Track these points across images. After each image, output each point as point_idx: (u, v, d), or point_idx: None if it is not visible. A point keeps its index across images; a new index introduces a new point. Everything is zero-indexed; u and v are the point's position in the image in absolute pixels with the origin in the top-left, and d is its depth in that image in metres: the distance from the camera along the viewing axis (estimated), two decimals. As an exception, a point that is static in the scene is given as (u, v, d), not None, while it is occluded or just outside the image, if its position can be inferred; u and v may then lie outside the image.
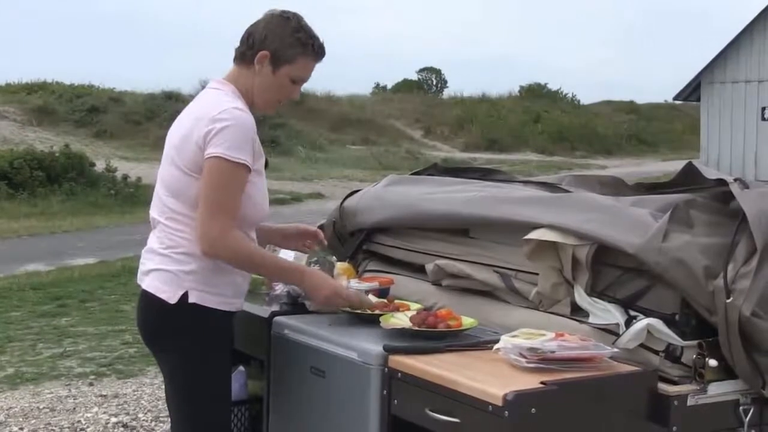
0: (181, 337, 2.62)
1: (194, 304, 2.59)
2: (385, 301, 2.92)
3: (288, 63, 2.66)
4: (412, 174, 3.69)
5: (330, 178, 20.08)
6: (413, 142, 29.99)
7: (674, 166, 24.43)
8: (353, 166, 22.03)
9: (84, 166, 17.61)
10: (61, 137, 21.95)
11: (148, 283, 2.67)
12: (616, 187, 3.16)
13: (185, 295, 2.59)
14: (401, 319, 2.72)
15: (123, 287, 9.26)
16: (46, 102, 25.28)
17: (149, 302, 2.66)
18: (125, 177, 17.54)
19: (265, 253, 2.73)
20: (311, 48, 2.69)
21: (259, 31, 2.67)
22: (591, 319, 2.59)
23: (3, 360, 6.48)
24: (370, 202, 3.40)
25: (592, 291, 2.62)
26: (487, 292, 2.98)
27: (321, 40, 2.72)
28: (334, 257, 3.20)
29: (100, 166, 17.99)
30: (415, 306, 2.92)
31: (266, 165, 2.75)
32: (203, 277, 2.60)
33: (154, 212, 2.72)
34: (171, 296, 2.60)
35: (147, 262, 2.72)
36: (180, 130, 2.64)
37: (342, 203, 3.53)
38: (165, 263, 2.64)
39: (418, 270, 3.23)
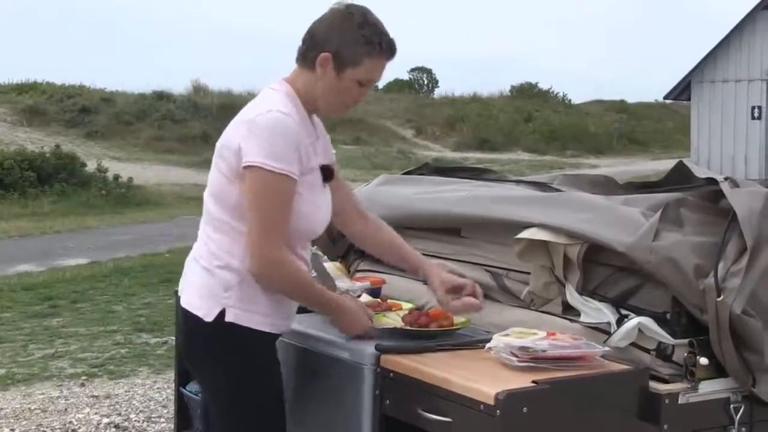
0: (217, 360, 2.43)
1: (231, 324, 2.39)
2: (378, 300, 2.93)
3: (353, 65, 2.41)
4: (403, 174, 3.69)
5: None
6: (405, 141, 30.02)
7: (665, 165, 24.49)
8: (345, 165, 22.03)
9: (75, 166, 17.59)
10: (51, 138, 21.91)
11: (185, 298, 2.48)
12: (607, 186, 3.17)
13: (222, 313, 2.39)
14: (393, 319, 2.72)
15: (114, 288, 9.25)
16: (36, 102, 25.24)
17: (186, 319, 2.46)
18: (116, 177, 17.52)
19: (313, 283, 2.52)
20: (378, 47, 2.42)
21: (322, 30, 2.43)
22: (582, 318, 2.60)
23: (-6, 361, 6.46)
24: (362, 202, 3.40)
25: (584, 290, 2.63)
26: (478, 292, 2.97)
27: (390, 36, 2.46)
28: (325, 257, 3.20)
29: (91, 166, 17.97)
30: (407, 305, 2.92)
31: (330, 176, 2.53)
32: (243, 293, 2.40)
33: (202, 219, 2.54)
34: (207, 313, 2.40)
35: (189, 273, 2.52)
36: (224, 133, 2.45)
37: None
38: (203, 276, 2.44)
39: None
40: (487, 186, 3.25)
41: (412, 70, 45.14)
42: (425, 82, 45.06)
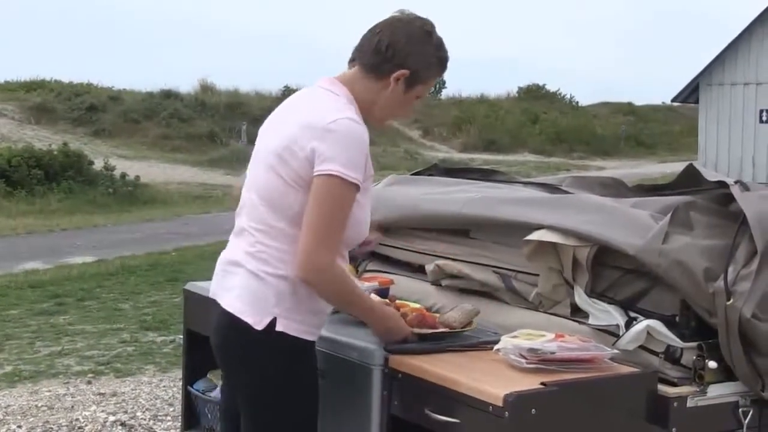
0: (263, 367, 2.39)
1: (281, 333, 2.35)
2: (387, 301, 2.92)
3: (423, 83, 2.44)
4: (412, 174, 3.69)
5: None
6: (411, 142, 30.02)
7: (672, 167, 24.46)
8: (351, 166, 21.98)
9: (82, 164, 17.62)
10: (59, 135, 21.96)
11: (229, 302, 2.41)
12: (616, 188, 3.17)
13: (273, 322, 2.35)
14: None
15: (121, 286, 9.26)
16: (44, 100, 25.27)
17: (230, 324, 2.40)
18: (123, 175, 17.55)
19: (360, 291, 2.49)
20: (443, 65, 2.49)
21: (401, 44, 2.39)
22: (591, 321, 2.60)
23: (1, 358, 6.48)
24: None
25: (592, 292, 2.63)
26: (486, 293, 2.98)
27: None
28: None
29: (98, 164, 17.99)
30: (414, 305, 2.92)
31: None
32: (293, 303, 2.36)
33: (244, 220, 2.45)
34: (257, 321, 2.35)
35: (230, 276, 2.45)
36: (283, 135, 2.37)
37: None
38: (253, 283, 2.37)
39: (418, 270, 3.23)
40: (496, 187, 3.25)
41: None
42: (432, 83, 44.96)
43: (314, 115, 2.33)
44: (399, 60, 2.39)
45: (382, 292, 3.13)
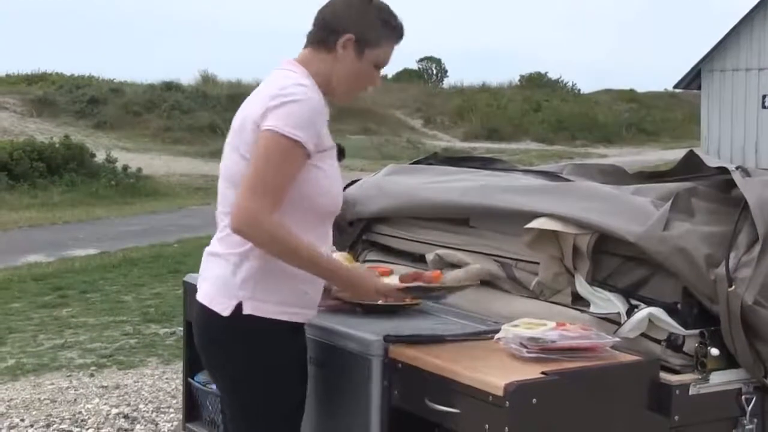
0: (235, 352, 2.38)
1: (250, 316, 2.34)
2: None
3: (373, 47, 2.42)
4: (411, 163, 3.68)
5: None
6: (413, 131, 29.95)
7: (674, 154, 24.39)
8: (353, 155, 21.98)
9: (84, 157, 17.59)
10: (61, 128, 21.93)
11: (201, 293, 2.44)
12: (616, 175, 3.15)
13: (239, 306, 2.34)
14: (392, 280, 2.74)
15: (124, 278, 9.25)
16: (46, 93, 25.25)
17: (202, 314, 2.43)
18: (125, 168, 17.53)
19: (304, 243, 2.32)
20: (396, 30, 2.48)
21: (339, 12, 2.43)
22: (592, 309, 2.59)
23: (4, 351, 6.47)
24: (370, 192, 3.39)
25: (593, 280, 2.62)
26: (487, 282, 2.96)
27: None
28: (333, 247, 3.18)
29: (100, 156, 17.97)
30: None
31: (342, 155, 2.51)
32: (259, 283, 2.34)
33: (218, 209, 2.46)
34: (224, 307, 2.35)
35: (208, 266, 2.47)
36: (241, 112, 2.41)
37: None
38: (223, 268, 2.38)
39: (419, 260, 3.22)
40: (496, 176, 3.24)
41: (421, 59, 45.02)
42: (434, 72, 44.93)
43: (268, 87, 2.37)
44: (341, 27, 2.41)
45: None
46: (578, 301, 2.65)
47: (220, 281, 2.38)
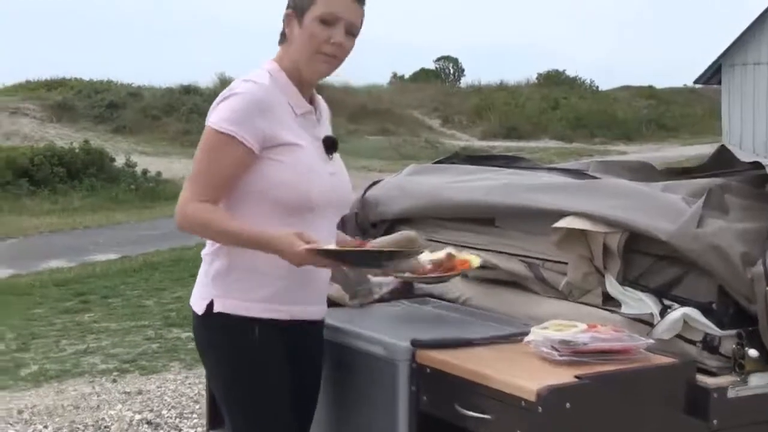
0: (212, 354, 2.38)
1: (220, 314, 2.32)
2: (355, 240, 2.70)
3: (308, 7, 2.32)
4: (434, 163, 3.62)
5: (350, 169, 19.85)
6: (432, 131, 29.87)
7: (695, 150, 24.22)
8: (372, 156, 21.92)
9: (104, 161, 17.63)
10: (80, 133, 22.00)
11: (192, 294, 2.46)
12: (644, 172, 3.08)
13: (210, 305, 2.33)
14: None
15: (145, 282, 9.25)
16: (65, 98, 25.33)
17: (192, 316, 2.44)
18: (145, 172, 17.55)
19: (227, 222, 2.27)
20: None
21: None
22: (624, 309, 2.52)
23: (27, 357, 6.47)
24: (392, 192, 3.33)
25: (624, 280, 2.55)
26: (514, 283, 2.91)
27: None
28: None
29: (120, 161, 18.01)
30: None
31: (332, 148, 2.44)
32: (229, 280, 2.33)
33: None
34: (199, 307, 2.35)
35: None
36: None
37: (364, 194, 3.46)
38: (201, 268, 2.42)
39: (443, 261, 3.16)
40: (520, 174, 3.17)
41: (438, 59, 44.91)
42: (451, 71, 44.80)
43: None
44: (286, 11, 2.37)
45: (408, 285, 3.08)
46: (609, 302, 2.59)
47: (198, 281, 2.41)
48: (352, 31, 2.37)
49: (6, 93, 26.70)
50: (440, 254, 2.83)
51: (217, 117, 2.28)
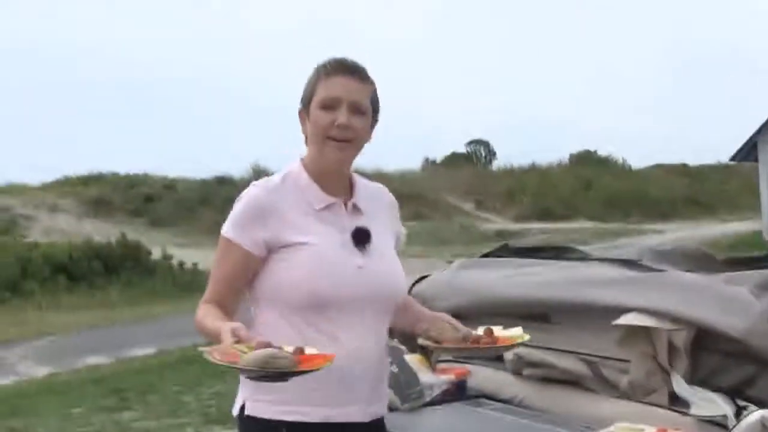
0: None
1: (249, 417, 2.25)
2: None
3: (311, 98, 2.28)
4: (482, 257, 3.53)
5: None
6: (466, 214, 29.87)
7: (735, 227, 23.96)
8: (409, 243, 21.89)
9: (140, 255, 17.75)
10: (117, 227, 22.21)
11: None
12: (704, 261, 2.97)
13: (243, 407, 2.27)
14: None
15: (183, 376, 9.14)
16: (101, 193, 25.71)
17: None
18: (181, 264, 17.62)
19: (202, 318, 2.24)
20: (324, 68, 2.29)
21: None
22: (693, 410, 2.38)
23: (65, 460, 6.36)
24: (441, 289, 3.24)
25: (692, 379, 2.42)
26: (572, 381, 2.78)
27: (341, 57, 2.32)
28: (404, 349, 3.05)
29: (156, 253, 18.10)
30: None
31: (362, 239, 2.30)
32: (258, 382, 2.19)
33: None
34: (235, 409, 2.30)
35: None
36: None
37: (410, 290, 3.37)
38: None
39: (497, 358, 3.05)
40: (573, 267, 3.07)
41: (469, 143, 45.27)
42: (483, 154, 45.07)
43: None
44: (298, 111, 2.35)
45: (459, 384, 2.97)
46: (676, 402, 2.46)
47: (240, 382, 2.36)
48: (360, 110, 2.27)
49: (45, 190, 27.13)
50: (479, 331, 2.54)
51: (225, 224, 2.32)
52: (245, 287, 2.30)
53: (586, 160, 40.07)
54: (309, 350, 2.02)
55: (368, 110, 2.30)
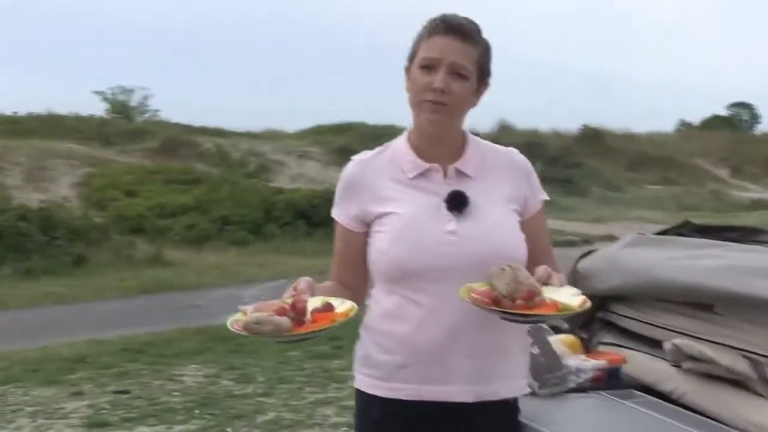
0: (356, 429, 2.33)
1: (355, 389, 2.29)
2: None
3: (415, 55, 2.18)
4: (658, 233, 3.22)
5: (625, 220, 19.25)
6: (719, 181, 28.22)
7: None
8: (650, 207, 21.00)
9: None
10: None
11: None
12: None
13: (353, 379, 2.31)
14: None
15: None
16: (349, 142, 26.50)
17: None
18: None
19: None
20: (428, 26, 2.17)
21: None
22: None
23: (268, 403, 6.59)
24: (604, 265, 3.00)
25: None
26: (735, 381, 2.48)
27: (449, 14, 2.17)
28: (550, 330, 2.87)
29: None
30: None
31: (458, 204, 2.16)
32: (359, 355, 2.28)
33: None
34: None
35: None
36: None
37: (575, 265, 3.14)
38: None
39: (656, 345, 2.78)
40: (755, 251, 2.72)
41: (731, 105, 42.65)
42: (745, 119, 42.31)
43: None
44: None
45: (611, 372, 2.74)
46: None
47: None
48: (460, 72, 2.13)
49: (296, 138, 28.38)
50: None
51: None
52: (358, 263, 2.27)
53: None
54: (337, 307, 2.05)
55: (471, 74, 2.15)
